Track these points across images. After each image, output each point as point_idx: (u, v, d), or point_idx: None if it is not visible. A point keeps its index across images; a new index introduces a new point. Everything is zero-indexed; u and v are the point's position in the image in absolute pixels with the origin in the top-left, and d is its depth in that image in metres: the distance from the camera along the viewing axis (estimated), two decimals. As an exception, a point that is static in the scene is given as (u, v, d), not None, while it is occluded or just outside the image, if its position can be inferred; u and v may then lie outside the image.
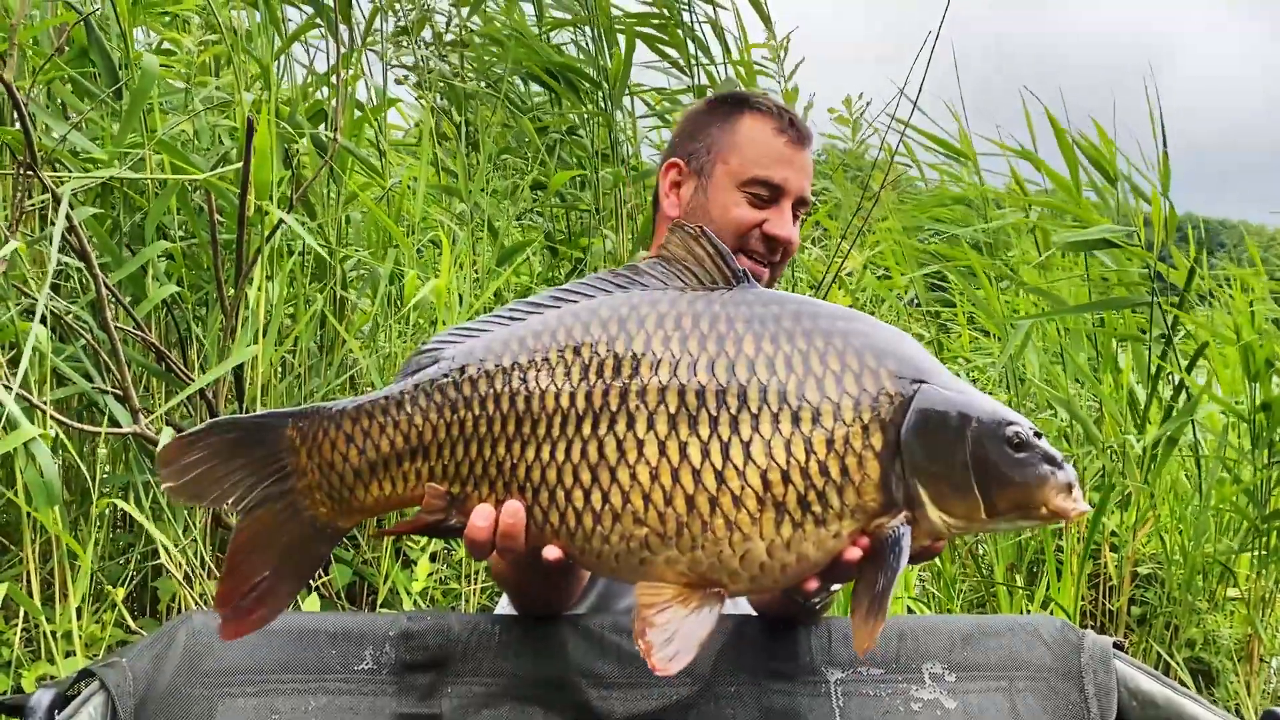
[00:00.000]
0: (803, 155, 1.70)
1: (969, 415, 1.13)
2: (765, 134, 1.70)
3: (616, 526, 1.12)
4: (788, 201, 1.69)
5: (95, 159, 2.31)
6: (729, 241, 1.64)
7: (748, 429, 1.11)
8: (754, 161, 1.69)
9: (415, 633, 1.48)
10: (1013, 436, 1.13)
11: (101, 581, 2.19)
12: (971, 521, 1.14)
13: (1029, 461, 1.13)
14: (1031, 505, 1.13)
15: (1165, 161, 3.22)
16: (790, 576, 1.13)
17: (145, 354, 2.42)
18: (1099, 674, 1.54)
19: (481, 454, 1.17)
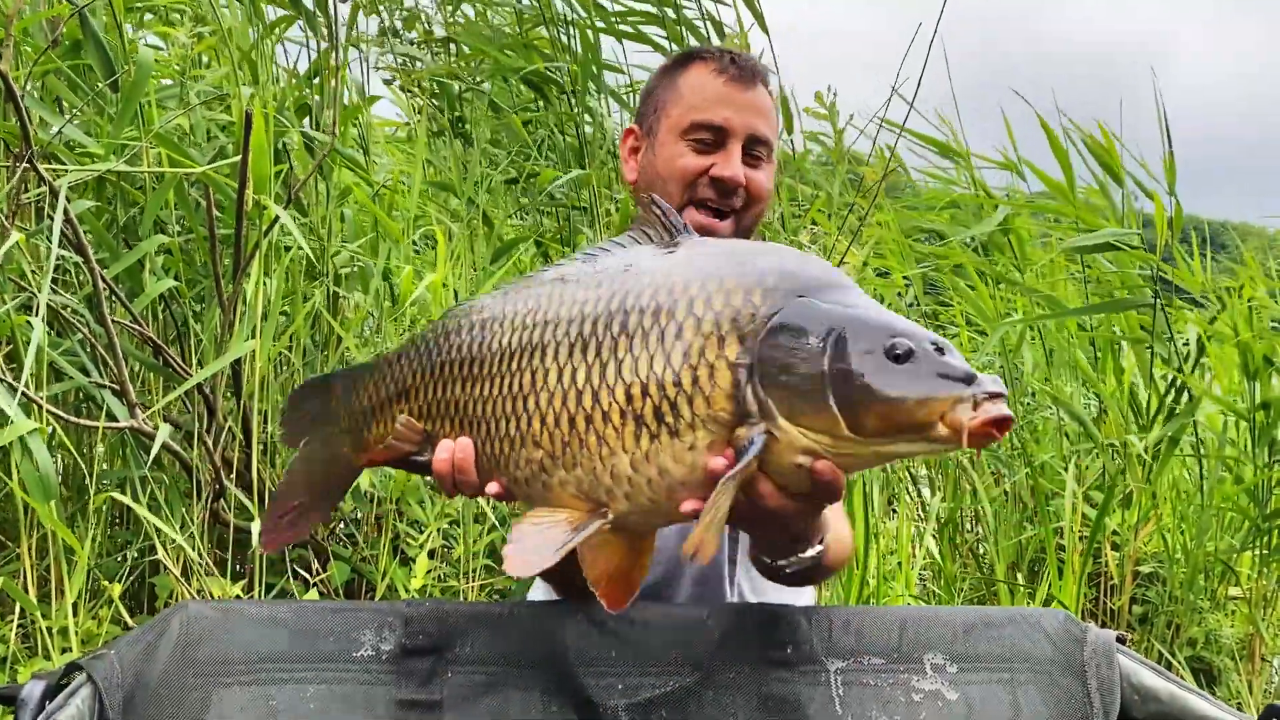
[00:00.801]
0: (749, 93, 1.63)
1: (835, 325, 1.08)
2: (704, 78, 1.65)
3: (523, 452, 1.22)
4: (735, 142, 1.62)
5: (91, 153, 2.30)
6: (677, 193, 1.62)
7: (624, 350, 1.16)
8: (693, 107, 1.64)
9: (414, 619, 1.47)
10: (892, 347, 1.05)
11: (98, 577, 2.17)
12: (837, 439, 1.06)
13: (910, 374, 1.04)
14: (914, 424, 1.03)
15: (1171, 160, 3.20)
16: (661, 491, 1.14)
17: (142, 348, 2.41)
18: (1102, 668, 1.52)
19: (445, 394, 1.33)
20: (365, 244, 2.92)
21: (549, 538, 1.17)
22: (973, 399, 1.02)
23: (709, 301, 1.14)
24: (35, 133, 1.97)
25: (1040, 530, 3.23)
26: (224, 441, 2.39)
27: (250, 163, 2.16)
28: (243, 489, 2.36)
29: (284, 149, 2.48)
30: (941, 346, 1.06)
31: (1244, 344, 3.13)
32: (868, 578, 2.90)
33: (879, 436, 1.06)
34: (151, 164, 2.25)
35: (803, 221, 3.67)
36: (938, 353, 1.05)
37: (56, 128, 2.18)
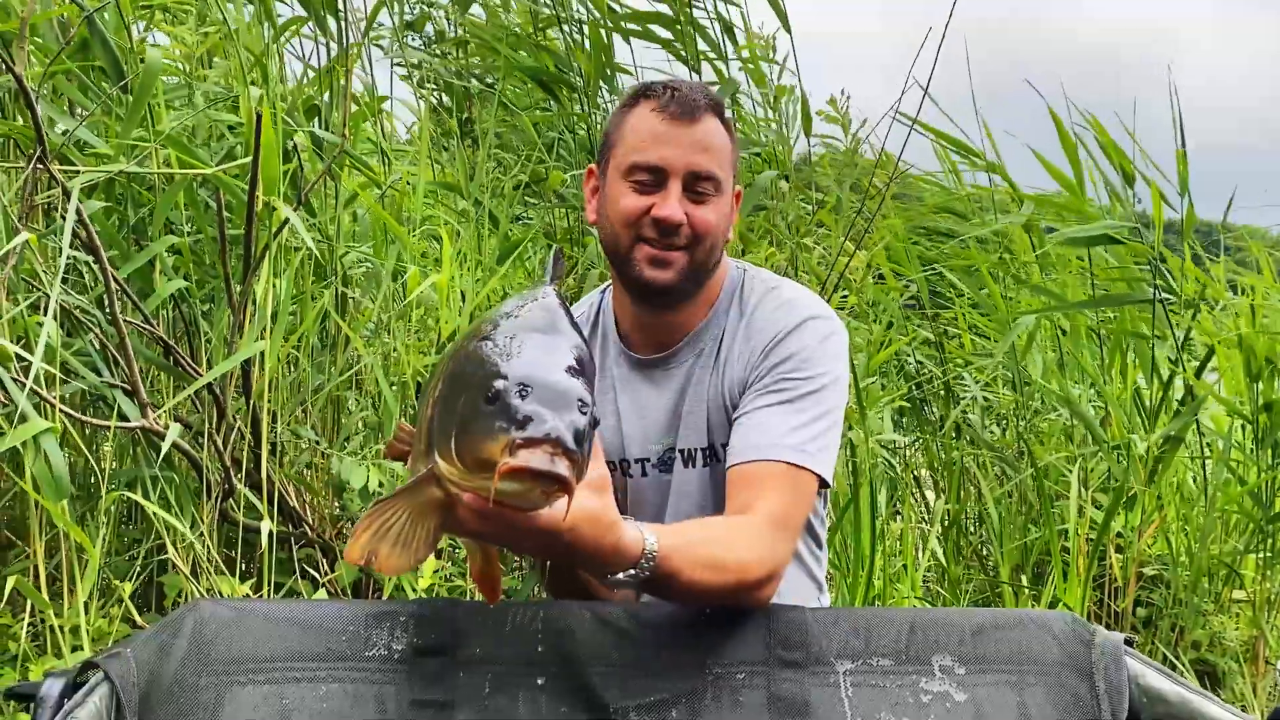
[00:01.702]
0: (688, 130, 1.61)
1: (476, 372, 1.09)
2: (644, 118, 1.64)
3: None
4: (674, 181, 1.61)
5: (101, 153, 2.32)
6: (624, 234, 1.64)
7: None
8: (633, 148, 1.63)
9: (426, 618, 1.48)
10: (489, 390, 1.04)
11: (108, 576, 2.18)
12: (461, 473, 1.07)
13: (486, 415, 1.03)
14: (482, 461, 1.02)
15: (1183, 160, 3.18)
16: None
17: (153, 348, 2.42)
18: (1110, 670, 1.53)
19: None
20: (375, 245, 2.94)
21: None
22: (508, 443, 1.00)
23: (456, 355, 1.23)
24: (48, 134, 1.98)
25: (1045, 532, 3.24)
26: (233, 441, 2.40)
27: (260, 164, 2.17)
28: (251, 488, 2.37)
29: (294, 149, 2.49)
30: (525, 390, 1.04)
31: (1247, 345, 3.13)
32: (874, 579, 2.91)
33: (476, 472, 1.04)
34: (161, 165, 2.26)
35: (809, 222, 3.67)
36: (520, 396, 1.03)
37: (69, 129, 2.19)
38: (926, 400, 4.02)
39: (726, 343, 1.72)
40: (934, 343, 3.98)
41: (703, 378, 1.73)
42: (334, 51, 2.98)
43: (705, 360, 1.73)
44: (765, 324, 1.70)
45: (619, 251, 1.67)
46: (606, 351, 1.80)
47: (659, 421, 1.75)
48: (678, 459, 1.75)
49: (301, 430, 2.59)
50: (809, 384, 1.64)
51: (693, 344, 1.75)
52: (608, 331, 1.81)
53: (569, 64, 3.53)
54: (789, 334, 1.67)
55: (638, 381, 1.77)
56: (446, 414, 1.11)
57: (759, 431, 1.60)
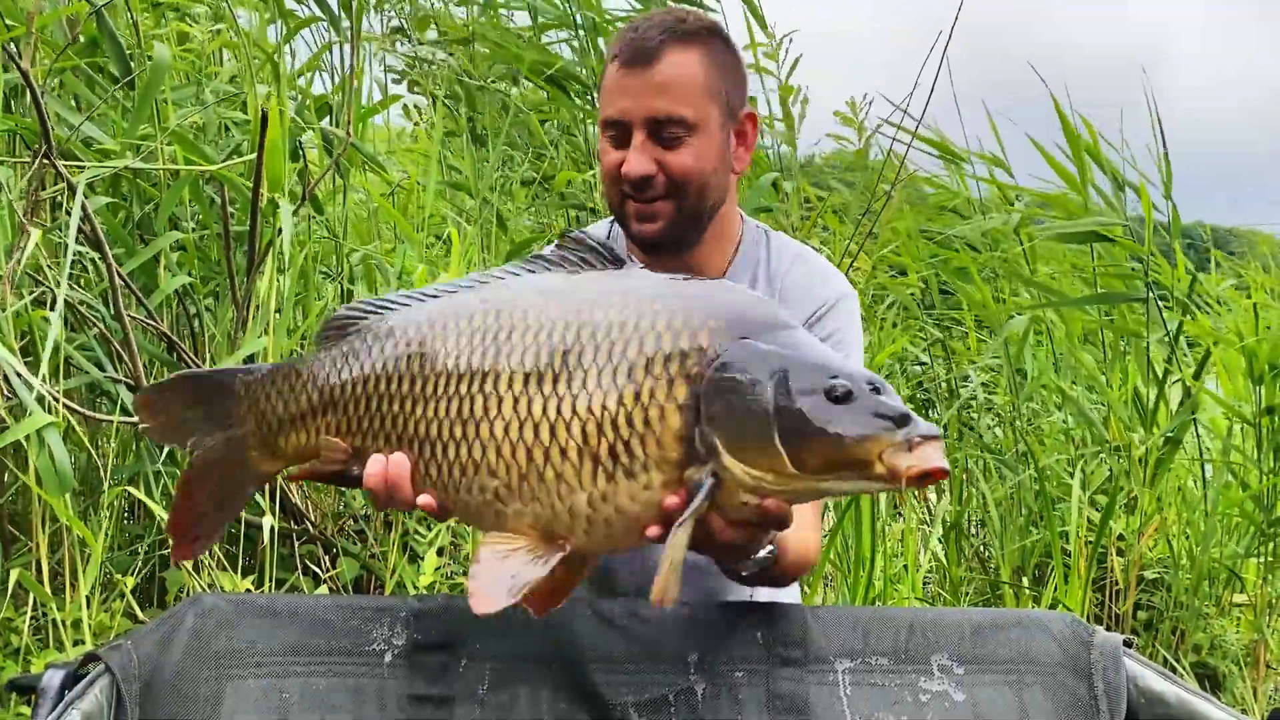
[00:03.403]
0: (646, 74, 1.52)
1: (777, 366, 1.12)
2: (610, 73, 1.57)
3: (476, 479, 1.21)
4: (637, 132, 1.53)
5: (107, 150, 2.32)
6: (611, 190, 1.60)
7: (578, 385, 1.18)
8: (604, 105, 1.58)
9: (426, 614, 1.48)
10: (833, 388, 1.09)
11: (110, 571, 2.19)
12: (781, 476, 1.10)
13: (849, 414, 1.08)
14: (853, 462, 1.07)
15: (1167, 163, 3.21)
16: (619, 529, 1.18)
17: (157, 344, 2.43)
18: (1109, 671, 1.53)
19: (379, 409, 1.29)
20: (380, 243, 2.95)
21: (510, 568, 1.18)
22: (907, 441, 1.05)
23: (658, 341, 1.17)
24: (54, 130, 1.99)
25: (1045, 534, 3.24)
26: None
27: (265, 161, 2.18)
28: (254, 484, 2.37)
29: (300, 147, 2.50)
30: (878, 386, 1.10)
31: (1249, 348, 3.13)
32: (874, 580, 2.91)
33: (821, 473, 1.10)
34: (167, 161, 2.27)
35: (811, 222, 3.68)
36: (874, 392, 1.09)
37: (75, 125, 2.20)
38: (931, 402, 4.02)
39: None
40: (941, 342, 3.98)
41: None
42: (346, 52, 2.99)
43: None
44: (801, 295, 1.66)
45: (613, 207, 1.63)
46: None
47: None
48: None
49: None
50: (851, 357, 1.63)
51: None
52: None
53: (579, 63, 3.53)
54: (828, 312, 1.65)
55: None
56: (734, 418, 1.10)
57: None
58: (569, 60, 3.58)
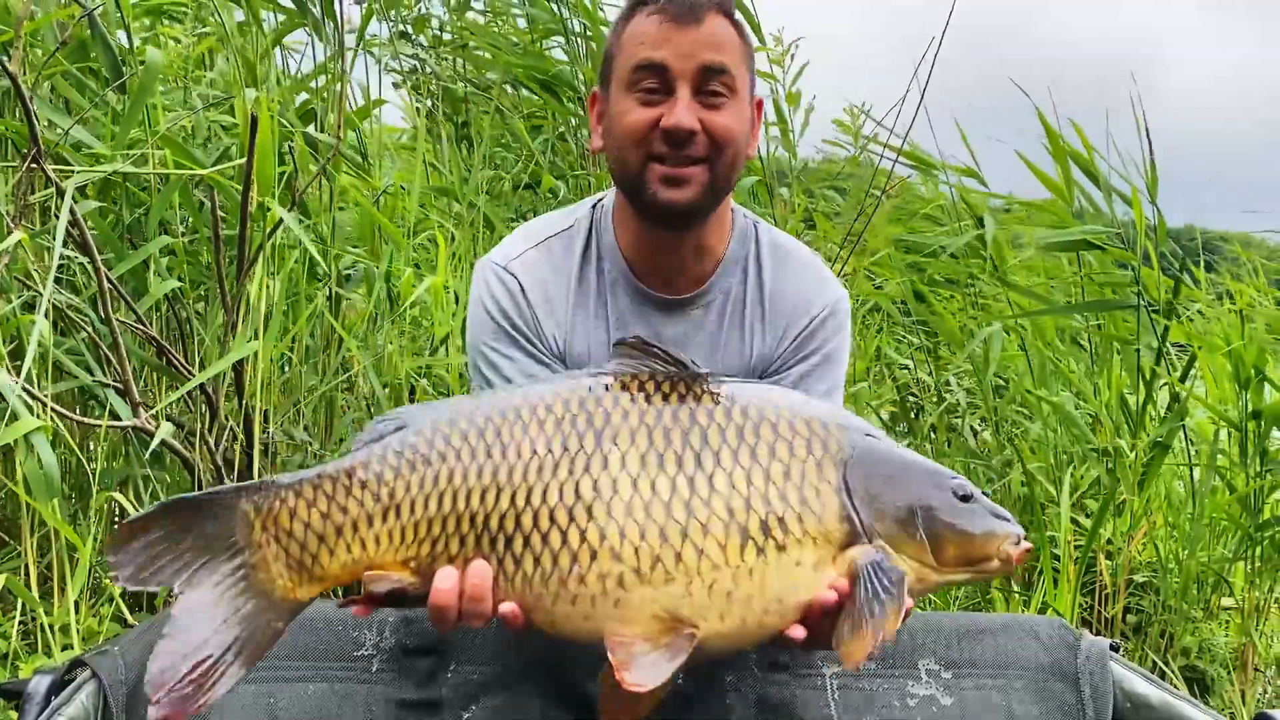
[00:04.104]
0: (691, 29, 1.45)
1: (913, 466, 1.22)
2: (642, 22, 1.49)
3: (594, 565, 1.13)
4: (682, 84, 1.45)
5: (97, 154, 2.32)
6: (634, 155, 1.49)
7: (710, 464, 1.16)
8: (632, 56, 1.48)
9: (414, 620, 1.49)
10: (957, 489, 1.20)
11: (99, 575, 2.19)
12: (923, 566, 1.18)
13: (976, 513, 1.19)
14: (980, 556, 1.18)
15: (1153, 169, 3.23)
16: (757, 610, 1.14)
17: (146, 348, 2.42)
18: (1095, 675, 1.55)
19: (455, 506, 1.16)
20: (368, 247, 2.94)
21: (657, 660, 1.11)
22: (1016, 536, 1.19)
23: (793, 427, 1.20)
24: (42, 134, 1.99)
25: (1033, 538, 3.25)
26: (225, 442, 2.41)
27: (255, 164, 2.18)
28: (243, 489, 2.37)
29: (289, 152, 2.50)
30: (972, 494, 1.21)
31: (1235, 353, 3.15)
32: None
33: (952, 566, 1.18)
34: (157, 165, 2.26)
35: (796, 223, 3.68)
36: (981, 495, 1.21)
37: (65, 129, 2.19)
38: (922, 407, 4.03)
39: (749, 306, 1.63)
40: (925, 348, 3.99)
41: (715, 336, 1.62)
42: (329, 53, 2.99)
43: (714, 316, 1.62)
44: (795, 297, 1.63)
45: (628, 174, 1.51)
46: (603, 276, 1.61)
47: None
48: None
49: (294, 431, 2.60)
50: (837, 371, 1.64)
51: (702, 295, 1.62)
52: (607, 254, 1.62)
53: (572, 70, 3.54)
54: (823, 321, 1.63)
55: (636, 314, 1.61)
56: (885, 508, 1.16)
57: None
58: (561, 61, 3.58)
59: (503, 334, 1.57)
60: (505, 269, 1.59)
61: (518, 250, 1.62)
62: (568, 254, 1.61)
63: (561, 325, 1.59)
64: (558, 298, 1.59)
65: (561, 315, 1.59)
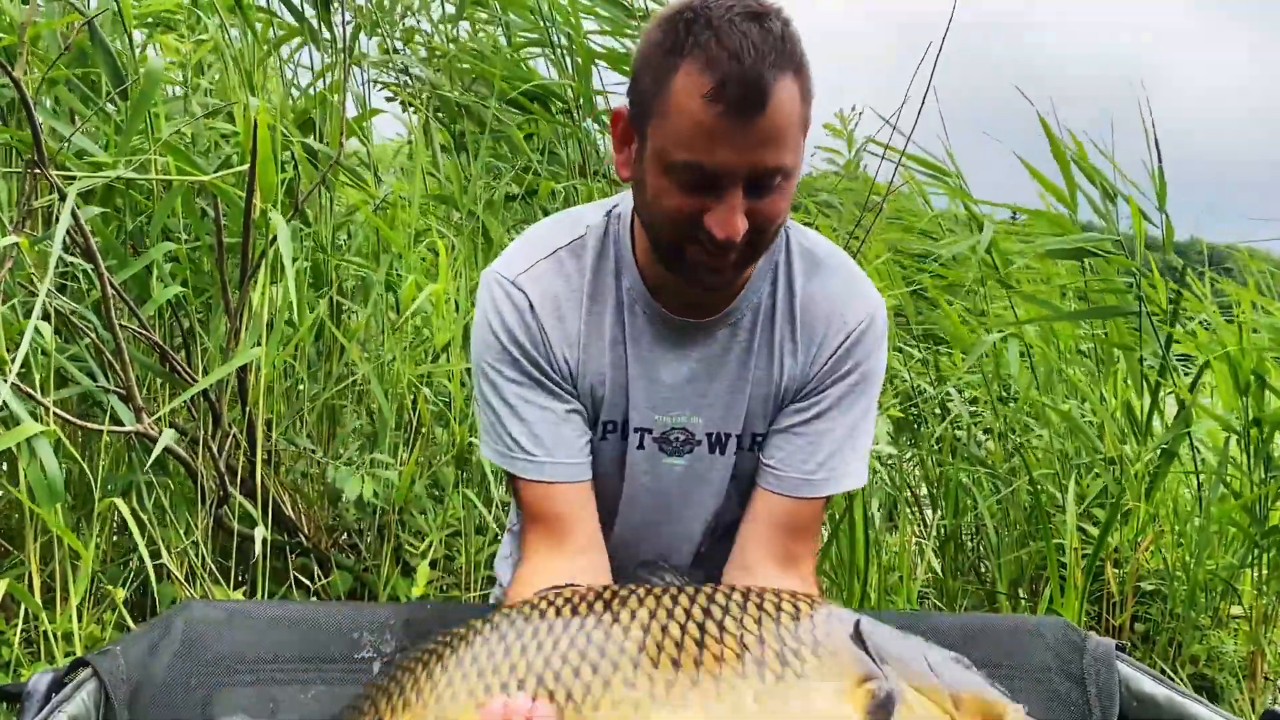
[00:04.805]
0: (753, 125, 1.24)
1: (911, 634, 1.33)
2: (693, 102, 1.24)
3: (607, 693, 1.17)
4: (733, 189, 1.28)
5: (99, 161, 2.33)
6: (669, 229, 1.34)
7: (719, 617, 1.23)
8: (677, 141, 1.27)
9: (413, 621, 1.48)
10: (960, 659, 1.30)
11: (102, 583, 2.18)
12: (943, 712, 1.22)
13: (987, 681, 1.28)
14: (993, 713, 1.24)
15: (1161, 176, 3.22)
16: None
17: (149, 354, 2.43)
18: (1101, 675, 1.54)
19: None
20: (369, 256, 2.95)
21: None
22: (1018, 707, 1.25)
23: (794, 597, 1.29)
24: (45, 141, 2.00)
25: (1040, 545, 3.23)
26: (228, 448, 2.41)
27: (257, 171, 2.19)
28: (246, 496, 2.37)
29: (292, 159, 2.51)
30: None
31: (1235, 360, 3.15)
32: (868, 590, 2.91)
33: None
34: (159, 172, 2.27)
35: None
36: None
37: (69, 135, 2.21)
38: (923, 418, 4.03)
39: (779, 321, 1.52)
40: (924, 360, 3.99)
41: (744, 358, 1.52)
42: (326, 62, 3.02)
43: (742, 335, 1.52)
44: (828, 309, 1.52)
45: (661, 243, 1.39)
46: (620, 293, 1.50)
47: (675, 392, 1.52)
48: (704, 443, 1.54)
49: (297, 439, 2.60)
50: (875, 388, 1.55)
51: (729, 315, 1.51)
52: (625, 270, 1.50)
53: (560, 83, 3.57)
54: (860, 336, 1.52)
55: (657, 339, 1.51)
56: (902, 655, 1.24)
57: (823, 451, 1.52)
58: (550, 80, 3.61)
59: (507, 358, 1.47)
60: (513, 283, 1.48)
61: (526, 262, 1.50)
62: (580, 266, 1.50)
63: (573, 344, 1.49)
64: (570, 314, 1.49)
65: (573, 333, 1.49)
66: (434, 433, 2.87)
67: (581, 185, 3.44)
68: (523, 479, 1.48)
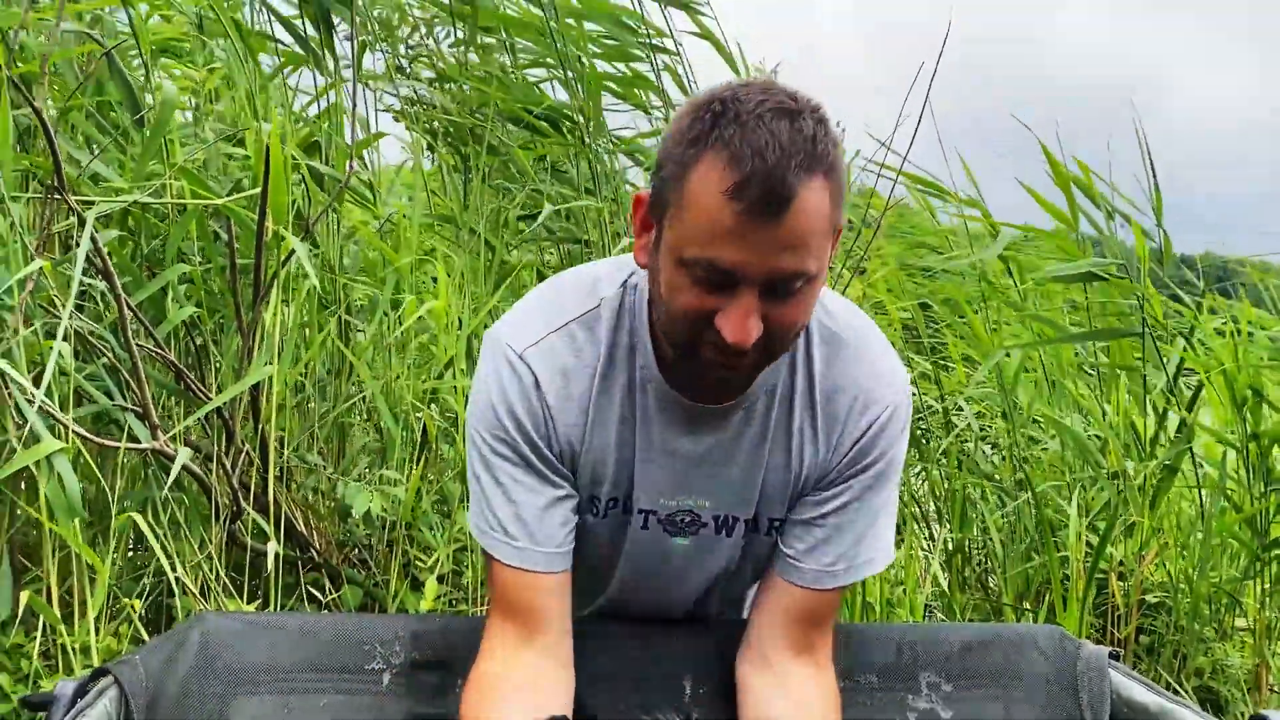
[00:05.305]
0: (773, 227, 1.17)
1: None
2: (711, 198, 1.18)
3: None
4: (748, 292, 1.21)
5: (114, 186, 2.39)
6: (682, 327, 1.28)
7: None
8: (693, 237, 1.21)
9: (423, 634, 1.52)
10: None
11: (117, 597, 2.23)
12: None
13: None
14: None
15: (1157, 195, 3.28)
16: None
17: (164, 373, 2.48)
18: (1094, 682, 1.58)
19: None
20: (375, 275, 3.01)
21: None
22: None
23: None
24: (65, 169, 2.06)
25: (1045, 558, 3.26)
26: (241, 465, 2.46)
27: (269, 194, 2.25)
28: (259, 511, 2.42)
29: (301, 183, 2.57)
30: None
31: (1230, 376, 3.18)
32: (871, 601, 2.94)
33: None
34: (174, 196, 2.34)
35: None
36: None
37: (84, 163, 2.27)
38: (931, 431, 4.06)
39: (799, 407, 1.46)
40: (930, 377, 4.02)
41: (759, 443, 1.46)
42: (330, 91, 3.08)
43: (757, 420, 1.45)
44: (850, 397, 1.45)
45: (675, 340, 1.32)
46: (633, 370, 1.44)
47: (683, 476, 1.47)
48: (710, 525, 1.50)
49: (308, 455, 2.65)
50: (894, 476, 1.50)
51: (743, 400, 1.44)
52: (637, 345, 1.44)
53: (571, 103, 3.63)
54: (883, 427, 1.45)
55: (668, 422, 1.45)
56: None
57: (844, 543, 1.47)
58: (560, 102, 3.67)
59: (504, 436, 1.41)
60: (521, 357, 1.41)
61: (536, 335, 1.43)
62: (592, 341, 1.43)
63: (579, 422, 1.43)
64: (578, 391, 1.43)
65: (580, 410, 1.43)
66: (440, 449, 2.91)
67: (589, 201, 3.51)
68: (499, 561, 1.42)
